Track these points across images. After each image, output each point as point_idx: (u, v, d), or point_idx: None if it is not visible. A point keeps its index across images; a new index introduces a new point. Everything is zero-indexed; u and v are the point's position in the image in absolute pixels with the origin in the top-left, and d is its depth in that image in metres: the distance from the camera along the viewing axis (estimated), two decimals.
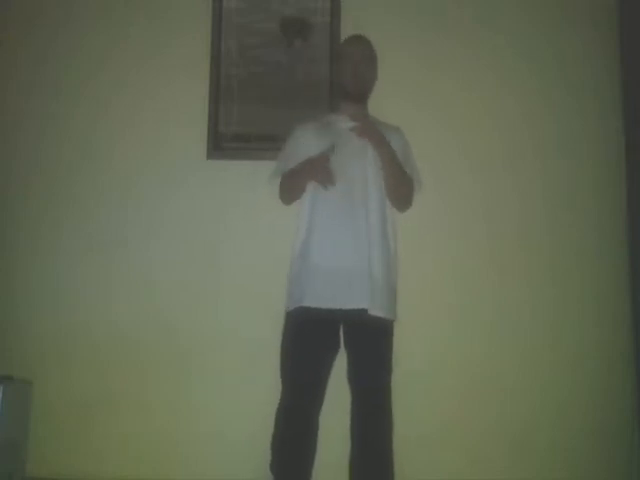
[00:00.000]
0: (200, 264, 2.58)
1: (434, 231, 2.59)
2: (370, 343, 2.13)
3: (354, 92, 2.28)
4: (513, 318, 2.54)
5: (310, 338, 2.11)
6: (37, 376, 2.48)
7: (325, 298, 2.08)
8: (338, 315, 2.10)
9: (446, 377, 2.50)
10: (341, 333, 2.17)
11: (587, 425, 2.48)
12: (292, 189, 2.27)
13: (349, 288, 2.08)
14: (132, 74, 2.69)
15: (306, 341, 2.11)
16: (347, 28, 2.62)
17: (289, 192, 2.28)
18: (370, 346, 2.13)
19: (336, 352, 2.16)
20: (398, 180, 2.22)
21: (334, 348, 2.16)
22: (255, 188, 2.54)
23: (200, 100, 2.64)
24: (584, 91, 2.67)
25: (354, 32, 2.50)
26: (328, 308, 2.08)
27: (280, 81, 2.65)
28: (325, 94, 2.63)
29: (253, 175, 2.56)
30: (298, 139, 2.28)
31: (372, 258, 2.11)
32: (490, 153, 2.63)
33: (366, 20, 2.68)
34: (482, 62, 2.68)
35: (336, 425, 2.15)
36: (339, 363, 2.17)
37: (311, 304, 2.09)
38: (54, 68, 2.71)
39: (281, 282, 2.24)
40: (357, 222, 2.14)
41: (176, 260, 2.58)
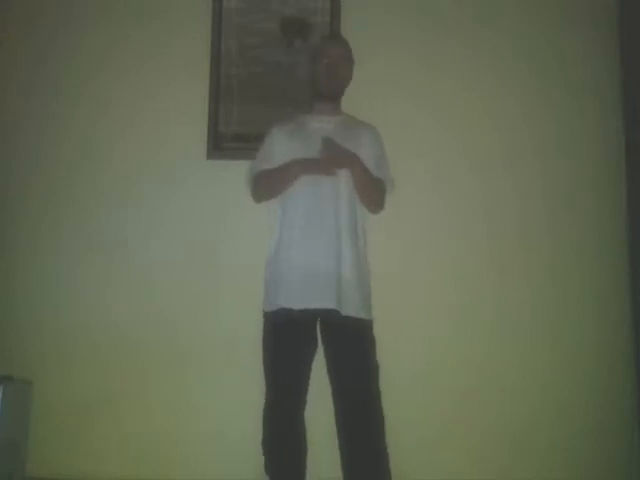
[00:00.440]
0: (200, 264, 2.58)
1: (434, 231, 2.59)
2: (345, 343, 2.12)
3: (328, 92, 2.27)
4: (513, 318, 2.54)
5: (287, 338, 2.12)
6: (37, 376, 2.49)
7: (298, 299, 2.09)
8: (313, 315, 2.12)
9: (446, 377, 2.50)
10: (318, 331, 2.18)
11: (587, 425, 2.48)
12: (275, 186, 2.24)
13: (320, 288, 2.09)
14: (132, 74, 2.70)
15: (283, 342, 2.13)
16: (347, 28, 2.63)
17: (271, 189, 2.25)
18: (345, 346, 2.12)
19: (314, 350, 2.17)
20: (369, 188, 2.21)
21: (312, 347, 2.17)
22: None
23: (200, 100, 2.64)
24: (584, 91, 2.67)
25: (354, 32, 2.51)
26: (302, 308, 2.09)
27: (280, 81, 2.65)
28: None
29: None
30: (273, 139, 2.28)
31: (342, 258, 2.11)
32: (490, 153, 2.63)
33: (366, 20, 2.68)
34: (482, 62, 2.68)
35: (331, 421, 2.14)
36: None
37: (285, 305, 2.10)
38: (54, 68, 2.71)
39: None
40: (327, 222, 2.13)
41: (176, 260, 2.58)
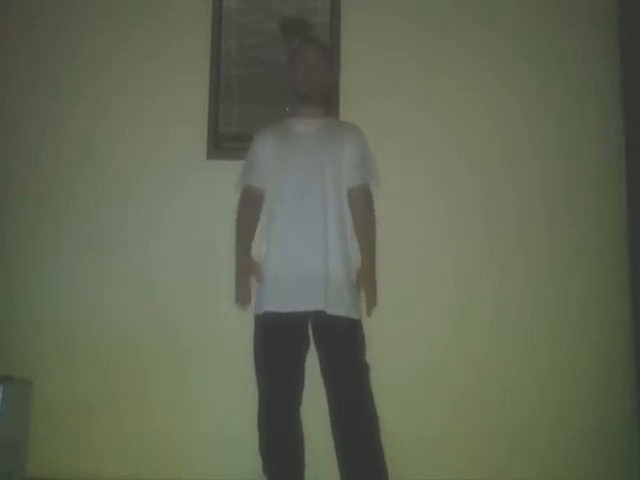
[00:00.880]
0: (200, 264, 2.58)
1: (434, 231, 2.59)
2: (335, 342, 2.13)
3: (305, 93, 2.28)
4: (513, 318, 2.54)
5: (276, 340, 2.14)
6: (37, 376, 2.48)
7: (286, 302, 2.11)
8: (302, 316, 2.13)
9: (446, 377, 2.50)
10: (310, 331, 2.19)
11: (587, 425, 2.48)
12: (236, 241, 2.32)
13: (306, 290, 2.10)
14: (132, 74, 2.69)
15: (273, 343, 2.14)
16: (347, 28, 2.63)
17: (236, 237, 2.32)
18: (336, 345, 2.13)
19: (306, 349, 2.18)
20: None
21: (303, 346, 2.18)
22: None
23: (200, 100, 2.64)
24: (584, 91, 2.67)
25: (354, 32, 2.51)
26: (290, 311, 2.10)
27: (280, 81, 2.65)
28: None
29: None
30: (257, 146, 2.31)
31: (329, 259, 2.12)
32: (490, 153, 2.63)
33: (366, 20, 2.68)
34: (482, 62, 2.68)
35: (327, 418, 2.15)
36: None
37: (273, 309, 2.12)
38: (54, 68, 2.71)
39: None
40: (315, 224, 2.15)
41: (176, 260, 2.58)
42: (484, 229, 2.59)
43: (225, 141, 2.63)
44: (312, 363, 2.18)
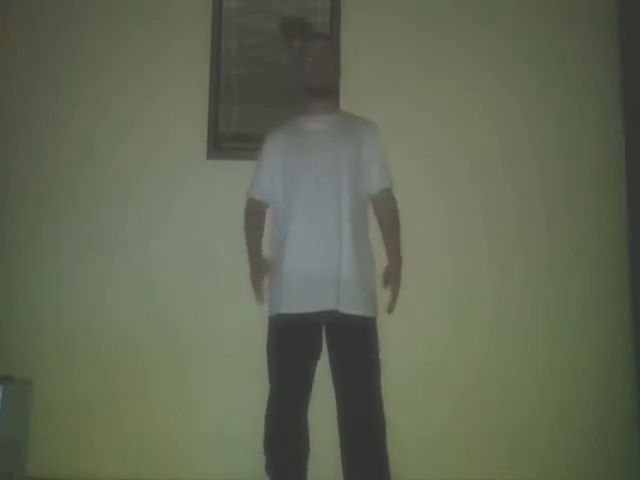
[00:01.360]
0: (200, 264, 2.58)
1: (434, 231, 2.59)
2: (348, 340, 2.13)
3: (316, 87, 2.26)
4: (513, 318, 2.54)
5: (289, 343, 2.13)
6: (37, 376, 2.48)
7: (299, 303, 2.10)
8: (315, 317, 2.11)
9: (446, 377, 2.50)
10: (324, 334, 2.18)
11: (587, 425, 2.48)
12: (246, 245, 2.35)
13: (319, 291, 2.09)
14: (132, 74, 2.69)
15: (286, 346, 2.14)
16: (347, 28, 2.63)
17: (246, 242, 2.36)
18: (348, 343, 2.13)
19: (318, 353, 2.17)
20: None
21: (315, 350, 2.17)
22: None
23: (200, 100, 2.64)
24: (584, 91, 2.67)
25: (354, 32, 2.51)
26: (303, 312, 2.10)
27: (280, 81, 2.65)
28: None
29: None
30: (268, 149, 2.30)
31: (342, 257, 2.11)
32: (490, 153, 2.63)
33: (366, 20, 2.68)
34: (482, 62, 2.68)
35: (334, 423, 2.15)
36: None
37: (287, 310, 2.11)
38: (54, 68, 2.71)
39: None
40: (328, 224, 2.13)
41: (176, 260, 2.58)
42: (484, 229, 2.59)
43: (225, 141, 2.63)
44: (319, 365, 2.18)
